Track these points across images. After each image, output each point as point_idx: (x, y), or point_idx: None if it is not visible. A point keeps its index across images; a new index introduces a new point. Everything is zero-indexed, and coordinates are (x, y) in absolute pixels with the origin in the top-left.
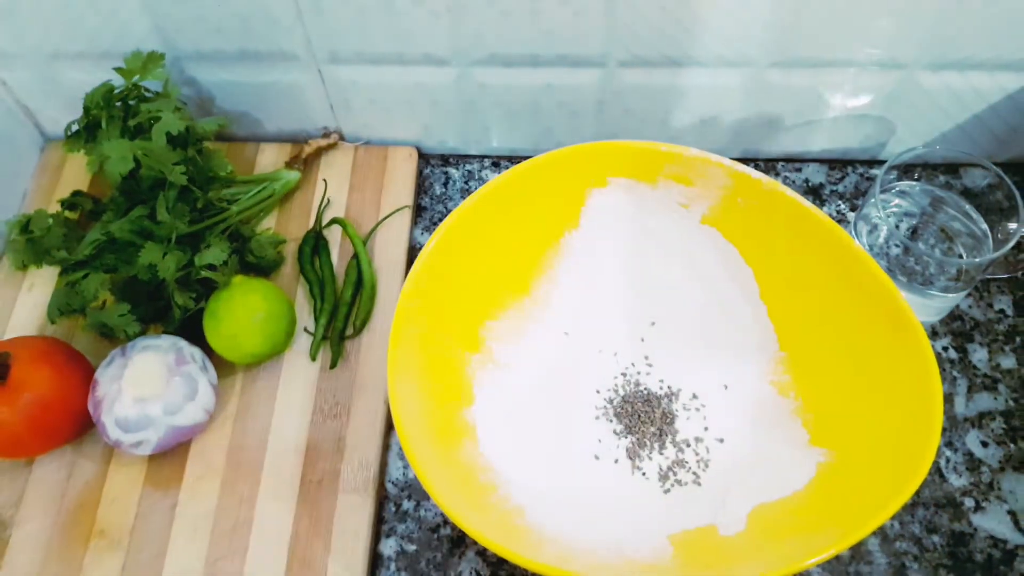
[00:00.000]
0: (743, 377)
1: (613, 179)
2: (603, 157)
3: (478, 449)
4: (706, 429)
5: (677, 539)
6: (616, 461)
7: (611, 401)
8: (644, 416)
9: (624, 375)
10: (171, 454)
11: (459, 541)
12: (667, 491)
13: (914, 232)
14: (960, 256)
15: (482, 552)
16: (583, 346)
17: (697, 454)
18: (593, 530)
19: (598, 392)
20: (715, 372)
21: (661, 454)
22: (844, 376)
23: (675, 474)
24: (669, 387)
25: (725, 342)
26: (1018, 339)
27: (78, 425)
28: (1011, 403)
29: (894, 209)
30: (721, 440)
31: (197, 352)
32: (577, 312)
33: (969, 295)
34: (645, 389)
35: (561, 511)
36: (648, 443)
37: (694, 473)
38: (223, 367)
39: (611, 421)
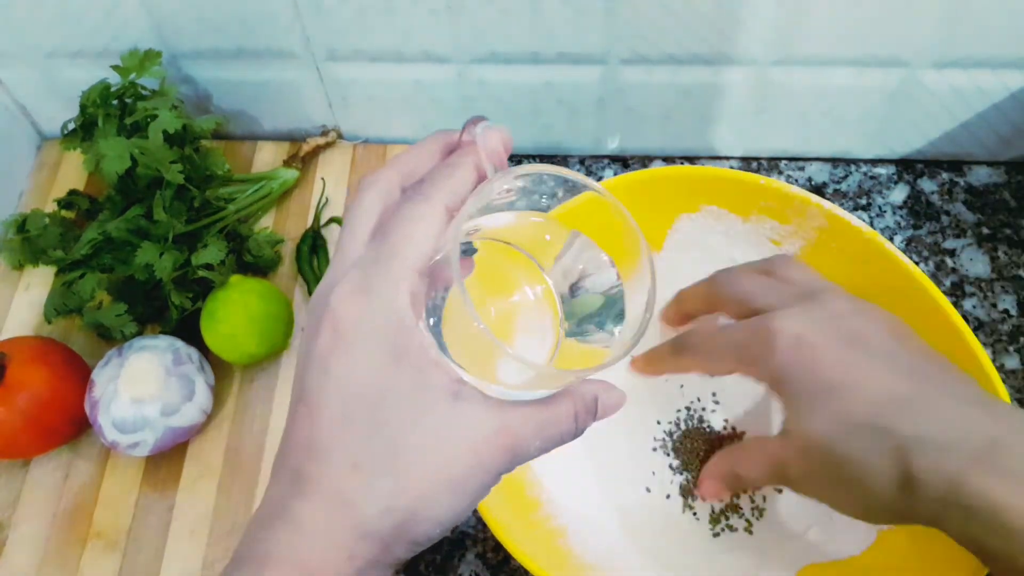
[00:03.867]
0: None
1: (706, 207)
2: (699, 182)
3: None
4: None
5: None
6: (668, 496)
7: (671, 434)
8: (703, 454)
9: (688, 409)
10: (168, 455)
11: (459, 543)
12: (716, 535)
13: None
14: None
15: (482, 555)
16: None
17: (753, 501)
18: (634, 563)
19: (658, 423)
20: (782, 418)
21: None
22: None
23: (727, 519)
24: (733, 428)
25: None
26: (1022, 339)
27: (75, 426)
28: (1016, 403)
29: None
30: (780, 490)
31: (194, 352)
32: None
33: (973, 295)
34: (708, 427)
35: (604, 538)
36: None
37: (747, 520)
38: (220, 367)
39: (668, 455)
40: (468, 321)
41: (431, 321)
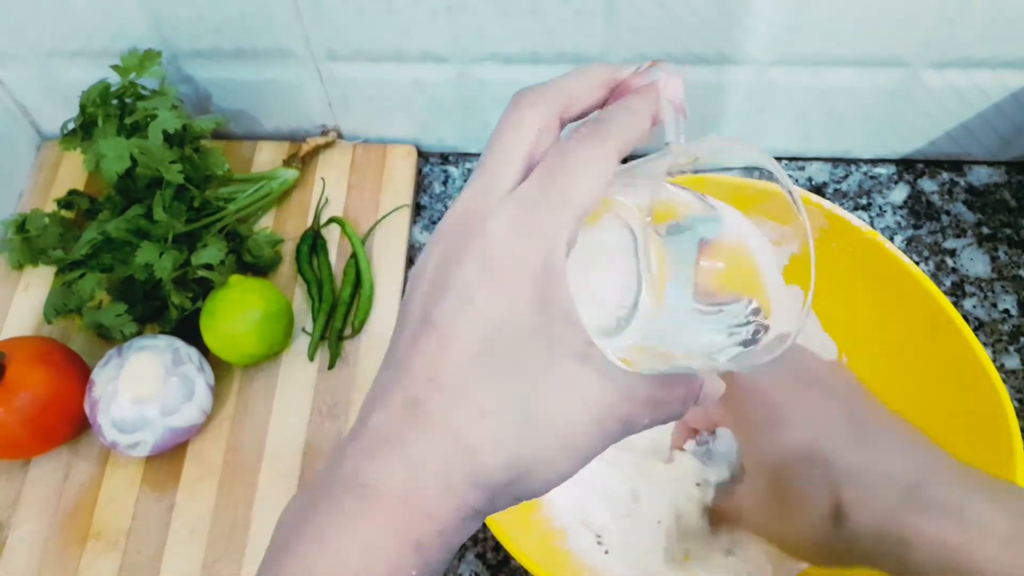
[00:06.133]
0: None
1: None
2: (698, 182)
3: None
4: None
5: None
6: (668, 500)
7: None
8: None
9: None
10: (168, 455)
11: None
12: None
13: None
14: None
15: (482, 555)
16: None
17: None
18: (634, 565)
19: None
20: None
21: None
22: None
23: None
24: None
25: None
26: (1022, 339)
27: (74, 426)
28: (1016, 403)
29: None
30: None
31: (194, 352)
32: None
33: (973, 295)
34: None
35: (602, 539)
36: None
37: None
38: (220, 367)
39: (670, 462)
40: (609, 281)
41: None
